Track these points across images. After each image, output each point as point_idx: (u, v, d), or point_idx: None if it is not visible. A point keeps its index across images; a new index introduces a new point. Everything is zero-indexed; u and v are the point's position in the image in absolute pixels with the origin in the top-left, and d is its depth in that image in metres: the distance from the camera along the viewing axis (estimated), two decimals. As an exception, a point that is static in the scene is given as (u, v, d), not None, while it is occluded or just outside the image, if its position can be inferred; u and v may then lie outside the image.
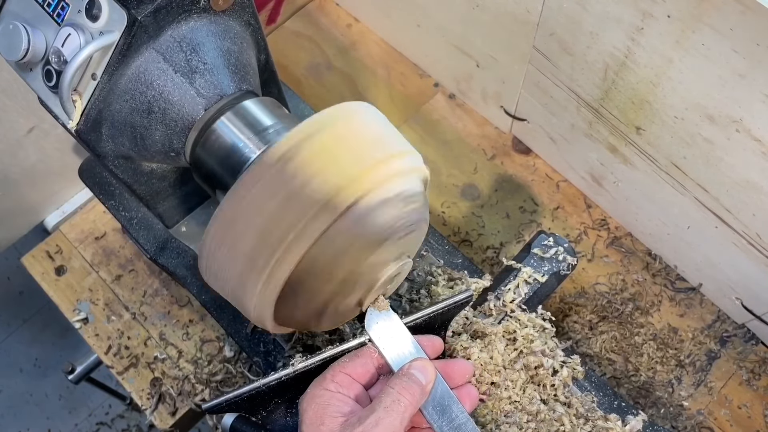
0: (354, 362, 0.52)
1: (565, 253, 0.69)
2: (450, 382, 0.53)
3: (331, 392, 0.49)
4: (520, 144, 1.00)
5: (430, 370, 0.50)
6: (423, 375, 0.50)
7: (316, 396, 0.49)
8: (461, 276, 0.71)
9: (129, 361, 0.90)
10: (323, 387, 0.50)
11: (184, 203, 0.70)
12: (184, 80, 0.53)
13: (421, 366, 0.50)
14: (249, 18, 0.58)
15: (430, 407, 0.51)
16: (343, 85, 1.07)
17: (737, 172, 0.67)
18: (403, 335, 0.53)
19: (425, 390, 0.50)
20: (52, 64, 0.53)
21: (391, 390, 0.48)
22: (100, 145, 0.56)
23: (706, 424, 0.81)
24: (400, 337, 0.53)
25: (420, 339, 0.54)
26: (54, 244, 0.98)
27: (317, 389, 0.50)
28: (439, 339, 0.56)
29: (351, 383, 0.51)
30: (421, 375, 0.50)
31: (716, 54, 0.59)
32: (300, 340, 0.70)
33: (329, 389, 0.49)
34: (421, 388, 0.49)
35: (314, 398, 0.49)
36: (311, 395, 0.49)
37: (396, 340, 0.53)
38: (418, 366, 0.50)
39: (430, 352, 0.54)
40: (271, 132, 0.55)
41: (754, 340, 0.85)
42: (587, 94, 0.78)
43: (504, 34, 0.83)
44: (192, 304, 0.93)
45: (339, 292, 0.49)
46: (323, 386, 0.50)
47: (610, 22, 0.67)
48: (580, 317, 0.87)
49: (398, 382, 0.49)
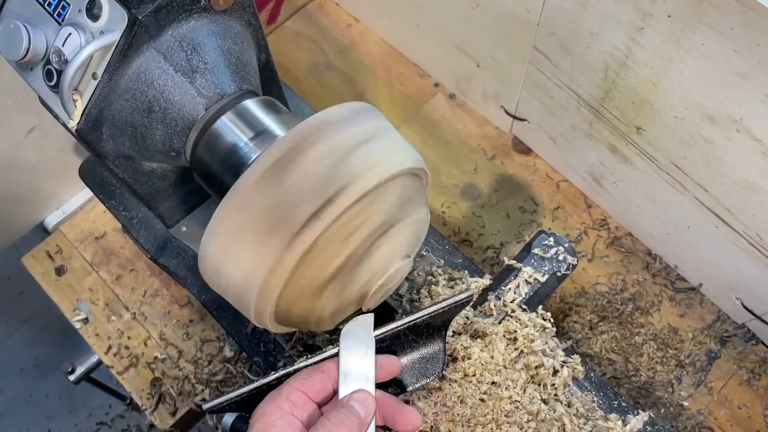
0: (312, 379, 0.50)
1: (565, 253, 0.69)
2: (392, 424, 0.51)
3: (282, 411, 0.47)
4: (521, 144, 1.00)
5: (370, 404, 0.48)
6: (363, 408, 0.48)
7: (267, 413, 0.47)
8: (461, 276, 0.71)
9: (129, 361, 0.90)
10: (277, 404, 0.48)
11: (184, 203, 0.70)
12: (185, 80, 0.53)
13: (362, 398, 0.48)
14: (249, 18, 0.58)
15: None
16: (343, 85, 1.07)
17: (737, 172, 0.67)
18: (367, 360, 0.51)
19: (364, 423, 0.47)
20: (52, 64, 0.53)
21: (327, 422, 0.46)
22: (101, 144, 0.56)
23: (706, 424, 0.81)
24: (363, 361, 0.51)
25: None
26: (54, 244, 0.98)
27: (270, 405, 0.48)
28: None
29: (306, 403, 0.49)
30: (361, 408, 0.48)
31: (716, 54, 0.59)
32: (300, 340, 0.70)
33: (282, 407, 0.47)
34: (360, 422, 0.47)
35: (263, 415, 0.47)
36: (262, 411, 0.47)
37: (357, 362, 0.51)
38: (359, 398, 0.48)
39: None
40: (272, 132, 0.55)
41: (754, 340, 0.85)
42: (587, 94, 0.78)
43: (504, 34, 0.83)
44: (192, 304, 0.93)
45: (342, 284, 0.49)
46: (277, 403, 0.48)
47: (610, 22, 0.67)
48: (580, 317, 0.87)
49: (335, 414, 0.47)
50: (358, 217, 0.47)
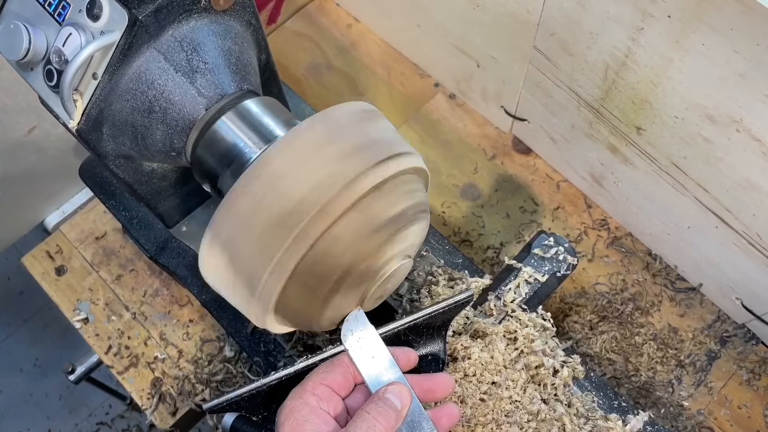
0: (334, 372, 0.50)
1: (565, 253, 0.69)
2: (431, 396, 0.52)
3: (311, 407, 0.48)
4: (521, 144, 1.00)
5: (405, 395, 0.49)
6: (399, 400, 0.48)
7: (295, 410, 0.47)
8: (461, 276, 0.72)
9: (129, 361, 0.90)
10: (303, 399, 0.48)
11: (184, 203, 0.70)
12: (185, 80, 0.53)
13: (397, 390, 0.49)
14: (250, 18, 0.58)
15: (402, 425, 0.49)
16: (343, 85, 1.07)
17: (737, 172, 0.67)
18: (379, 349, 0.52)
19: (401, 415, 0.48)
20: (53, 64, 0.53)
21: (366, 415, 0.47)
22: (101, 144, 0.56)
23: (706, 424, 0.81)
24: (376, 351, 0.52)
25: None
26: (54, 244, 0.98)
27: (296, 401, 0.48)
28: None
29: (331, 396, 0.49)
30: (396, 400, 0.48)
31: (716, 54, 0.59)
32: (300, 339, 0.70)
33: (309, 403, 0.48)
34: (397, 414, 0.48)
35: (293, 412, 0.47)
36: (290, 408, 0.48)
37: (371, 354, 0.52)
38: (394, 390, 0.49)
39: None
40: (272, 132, 0.55)
41: (754, 340, 0.85)
42: (587, 94, 0.78)
43: (504, 34, 0.83)
44: (192, 304, 0.93)
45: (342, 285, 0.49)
46: (303, 398, 0.48)
47: (610, 22, 0.67)
48: (580, 317, 0.87)
49: (374, 407, 0.47)
50: (359, 217, 0.47)
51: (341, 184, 0.45)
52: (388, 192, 0.48)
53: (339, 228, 0.46)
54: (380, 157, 0.48)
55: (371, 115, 0.51)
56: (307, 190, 0.45)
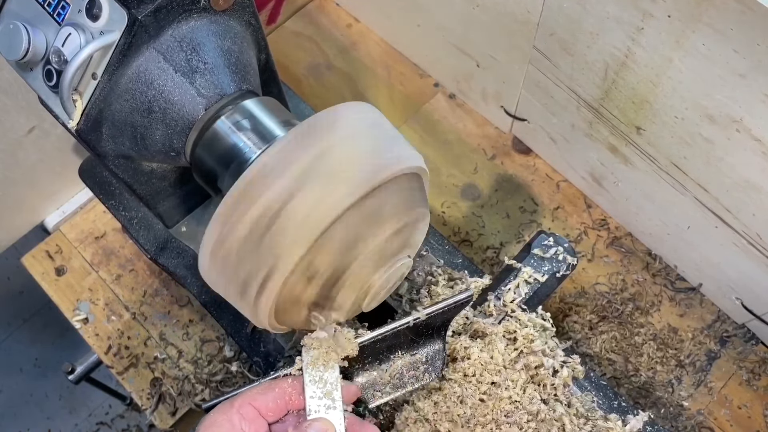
0: (267, 396, 0.49)
1: (565, 253, 0.69)
2: None
3: (231, 424, 0.47)
4: (520, 144, 1.00)
5: None
6: None
7: (216, 424, 0.47)
8: (461, 276, 0.71)
9: (129, 361, 0.90)
10: (227, 416, 0.47)
11: (184, 203, 0.70)
12: (185, 80, 0.53)
13: (322, 428, 0.48)
14: (249, 18, 0.58)
15: None
16: (343, 85, 1.07)
17: (737, 172, 0.67)
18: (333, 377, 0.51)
19: None
20: (52, 64, 0.53)
21: None
22: (101, 144, 0.56)
23: (706, 424, 0.81)
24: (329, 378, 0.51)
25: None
26: (54, 244, 0.98)
27: (220, 416, 0.47)
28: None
29: (256, 418, 0.48)
30: None
31: (716, 54, 0.59)
32: (300, 339, 0.70)
33: (232, 420, 0.47)
34: None
35: (212, 426, 0.46)
36: (211, 420, 0.47)
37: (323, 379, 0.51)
38: (318, 427, 0.47)
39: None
40: (271, 132, 0.55)
41: (754, 340, 0.85)
42: (587, 94, 0.78)
43: (504, 34, 0.83)
44: (192, 304, 0.93)
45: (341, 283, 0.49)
46: (227, 415, 0.47)
47: (610, 22, 0.67)
48: (580, 317, 0.87)
49: None
50: (358, 218, 0.47)
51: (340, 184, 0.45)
52: (388, 192, 0.48)
53: (338, 228, 0.46)
54: (380, 157, 0.48)
55: (371, 115, 0.51)
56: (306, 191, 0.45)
